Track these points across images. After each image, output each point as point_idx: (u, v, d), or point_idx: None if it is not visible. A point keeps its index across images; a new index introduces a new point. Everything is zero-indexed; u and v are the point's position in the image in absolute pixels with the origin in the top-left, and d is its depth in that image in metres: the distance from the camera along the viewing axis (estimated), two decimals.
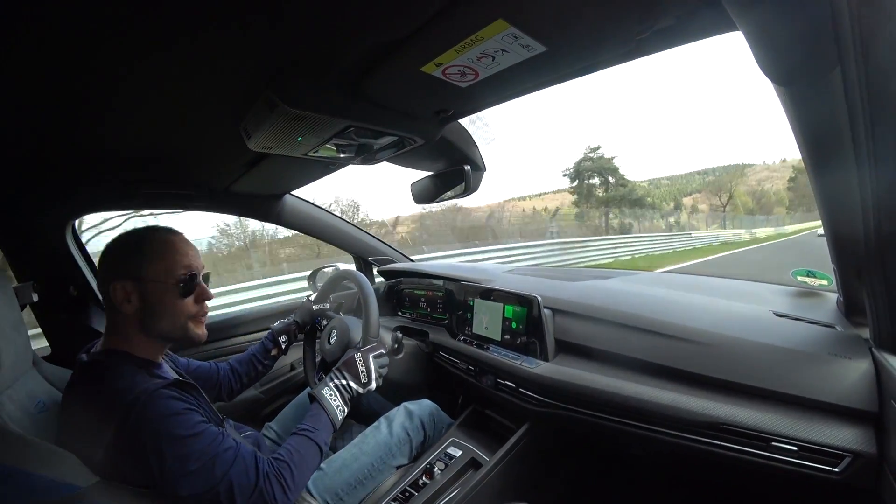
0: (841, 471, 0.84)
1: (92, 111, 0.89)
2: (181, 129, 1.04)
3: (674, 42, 0.71)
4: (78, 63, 0.70)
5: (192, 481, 0.83)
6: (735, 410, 0.97)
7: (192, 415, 0.88)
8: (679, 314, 1.19)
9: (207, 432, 0.88)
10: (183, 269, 0.98)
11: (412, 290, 2.13)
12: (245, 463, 0.90)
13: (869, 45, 0.49)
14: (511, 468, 1.38)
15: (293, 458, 0.99)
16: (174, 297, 0.97)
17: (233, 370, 1.44)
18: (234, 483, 0.86)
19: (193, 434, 0.85)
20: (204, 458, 0.84)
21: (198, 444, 0.85)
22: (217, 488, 0.85)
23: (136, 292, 0.93)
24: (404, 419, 1.49)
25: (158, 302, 0.96)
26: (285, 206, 1.91)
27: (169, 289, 0.96)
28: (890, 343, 0.86)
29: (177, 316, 0.98)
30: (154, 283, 0.95)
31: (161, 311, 0.96)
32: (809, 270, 1.29)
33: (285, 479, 0.94)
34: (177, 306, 0.98)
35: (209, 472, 0.85)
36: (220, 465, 0.86)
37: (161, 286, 0.95)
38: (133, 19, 0.60)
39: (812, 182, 0.77)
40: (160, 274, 0.95)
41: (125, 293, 0.93)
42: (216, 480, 0.85)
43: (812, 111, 0.64)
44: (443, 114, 1.01)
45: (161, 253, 0.96)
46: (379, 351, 1.29)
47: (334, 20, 0.65)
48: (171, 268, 0.96)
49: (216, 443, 0.88)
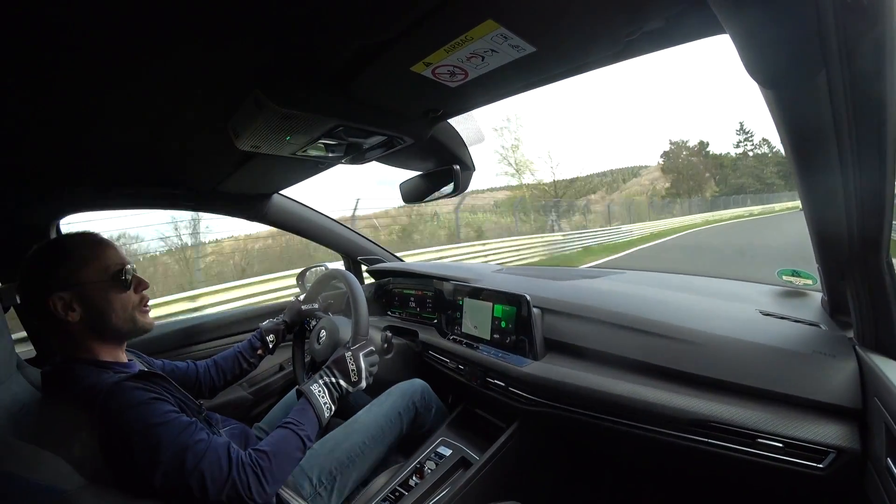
0: (825, 466, 0.86)
1: (77, 110, 0.87)
2: (168, 128, 1.03)
3: (663, 44, 0.72)
4: (63, 62, 0.68)
5: (164, 472, 0.82)
6: (722, 408, 0.98)
7: (160, 404, 0.87)
8: (667, 313, 1.20)
9: (177, 421, 0.87)
10: (116, 265, 0.98)
11: (402, 289, 2.13)
12: (217, 454, 0.88)
13: (853, 49, 0.50)
14: (501, 467, 1.38)
15: (273, 449, 0.98)
16: (117, 291, 0.97)
17: (216, 366, 1.43)
18: (206, 474, 0.85)
19: (162, 423, 0.84)
20: (174, 447, 0.83)
21: (167, 433, 0.84)
22: (188, 481, 0.83)
23: (76, 299, 0.92)
24: (396, 398, 1.50)
25: (103, 301, 0.95)
26: (274, 205, 1.89)
27: (109, 286, 0.96)
28: (873, 341, 0.88)
29: (124, 309, 0.98)
30: (93, 285, 0.94)
31: (108, 310, 0.96)
32: (795, 270, 1.31)
33: (262, 469, 0.92)
34: (121, 300, 0.98)
35: (180, 462, 0.83)
36: (192, 457, 0.85)
37: (101, 285, 0.95)
38: (119, 18, 0.59)
39: (797, 183, 0.78)
40: (98, 274, 0.95)
41: (65, 304, 0.91)
42: (187, 472, 0.83)
43: (797, 114, 0.65)
44: (432, 113, 1.01)
45: (91, 255, 0.96)
46: (369, 349, 1.28)
47: (323, 19, 0.65)
48: (105, 266, 0.97)
49: (187, 433, 0.87)
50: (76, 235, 1.00)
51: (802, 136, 0.69)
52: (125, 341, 1.06)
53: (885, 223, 0.71)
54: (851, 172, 0.66)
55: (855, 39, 0.49)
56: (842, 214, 0.74)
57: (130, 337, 1.04)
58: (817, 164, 0.71)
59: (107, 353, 0.98)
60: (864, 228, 0.73)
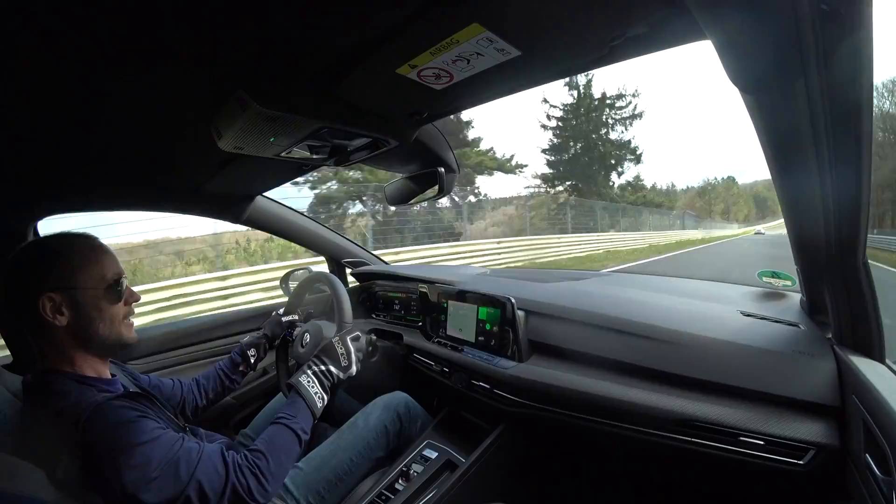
0: (806, 463, 0.87)
1: (55, 110, 0.85)
2: (150, 129, 1.01)
3: (647, 49, 0.72)
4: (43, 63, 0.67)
5: (156, 489, 0.79)
6: (704, 407, 0.99)
7: (146, 422, 0.85)
8: (650, 314, 1.21)
9: (164, 437, 0.85)
10: (113, 274, 0.95)
11: (386, 292, 2.12)
12: (212, 460, 0.87)
13: (830, 56, 0.51)
14: (487, 469, 1.38)
15: (268, 447, 0.96)
16: (109, 302, 0.94)
17: (198, 385, 1.39)
18: (203, 482, 0.83)
19: (149, 440, 0.82)
20: (164, 463, 0.81)
21: (156, 451, 0.81)
22: (186, 491, 0.81)
23: (67, 303, 0.88)
24: (380, 411, 1.48)
25: (94, 308, 0.91)
26: (257, 207, 1.87)
27: (102, 294, 0.92)
28: (851, 341, 0.90)
29: (112, 321, 0.94)
30: (86, 291, 0.90)
31: (98, 319, 0.92)
32: (774, 272, 1.34)
33: (260, 469, 0.91)
34: (111, 311, 0.94)
35: (173, 476, 0.81)
36: (185, 468, 0.83)
37: (95, 292, 0.91)
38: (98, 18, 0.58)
39: (776, 187, 0.80)
40: (94, 280, 0.92)
41: (55, 305, 0.87)
42: (183, 484, 0.81)
43: (776, 119, 0.67)
44: (417, 116, 1.00)
45: (91, 260, 0.93)
46: (355, 333, 1.27)
47: (308, 20, 0.64)
48: (102, 273, 0.93)
49: (176, 446, 0.84)
50: (76, 236, 0.96)
51: (781, 140, 0.70)
52: (108, 356, 1.01)
53: (861, 226, 0.72)
54: (829, 176, 0.67)
55: (832, 46, 0.50)
56: (819, 217, 0.75)
57: (113, 350, 1.00)
58: (796, 168, 0.72)
59: (89, 367, 0.94)
60: (842, 231, 0.75)
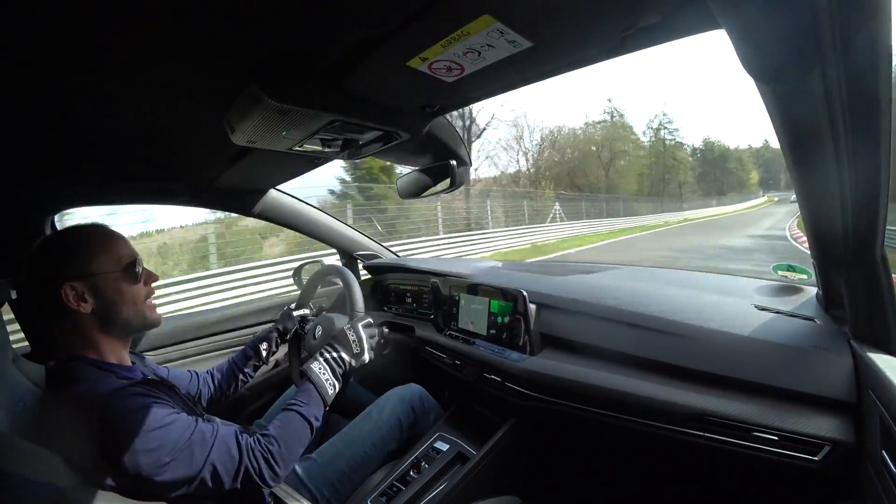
0: (820, 459, 0.86)
1: (72, 103, 0.86)
2: (165, 123, 1.02)
3: (659, 39, 0.71)
4: (57, 54, 0.68)
5: (171, 472, 0.82)
6: (718, 402, 0.99)
7: (162, 408, 0.87)
8: (662, 308, 1.21)
9: (179, 421, 0.87)
10: (128, 256, 0.98)
11: (398, 285, 2.13)
12: (226, 443, 0.89)
13: (848, 45, 0.50)
14: (498, 462, 1.39)
15: (281, 433, 0.98)
16: (128, 283, 0.97)
17: (212, 378, 1.41)
18: (218, 465, 0.86)
19: (164, 425, 0.84)
20: (179, 447, 0.83)
21: (170, 435, 0.84)
22: (201, 474, 0.84)
23: (88, 290, 0.92)
24: (395, 403, 1.49)
25: (116, 292, 0.95)
26: (269, 200, 1.88)
27: (121, 277, 0.96)
28: (868, 336, 0.88)
29: (135, 302, 0.98)
30: (106, 276, 0.94)
31: (120, 301, 0.95)
32: (790, 265, 1.31)
33: (272, 453, 0.93)
34: (132, 292, 0.98)
35: (188, 459, 0.84)
36: (199, 451, 0.85)
37: (113, 276, 0.95)
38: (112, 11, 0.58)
39: (793, 178, 0.78)
40: (111, 265, 0.95)
41: (77, 294, 0.90)
42: (198, 467, 0.84)
43: (793, 109, 0.65)
44: (429, 108, 1.00)
45: (106, 245, 0.96)
46: (367, 321, 1.27)
47: (320, 13, 0.64)
48: (118, 257, 0.96)
49: (190, 430, 0.87)
50: (88, 226, 0.99)
51: (798, 131, 0.69)
52: (130, 338, 1.04)
53: (879, 219, 0.71)
54: (847, 168, 0.66)
55: (850, 36, 0.49)
56: (837, 210, 0.74)
57: (138, 332, 1.04)
58: (813, 160, 0.71)
59: (111, 353, 0.97)
60: (859, 224, 0.74)
